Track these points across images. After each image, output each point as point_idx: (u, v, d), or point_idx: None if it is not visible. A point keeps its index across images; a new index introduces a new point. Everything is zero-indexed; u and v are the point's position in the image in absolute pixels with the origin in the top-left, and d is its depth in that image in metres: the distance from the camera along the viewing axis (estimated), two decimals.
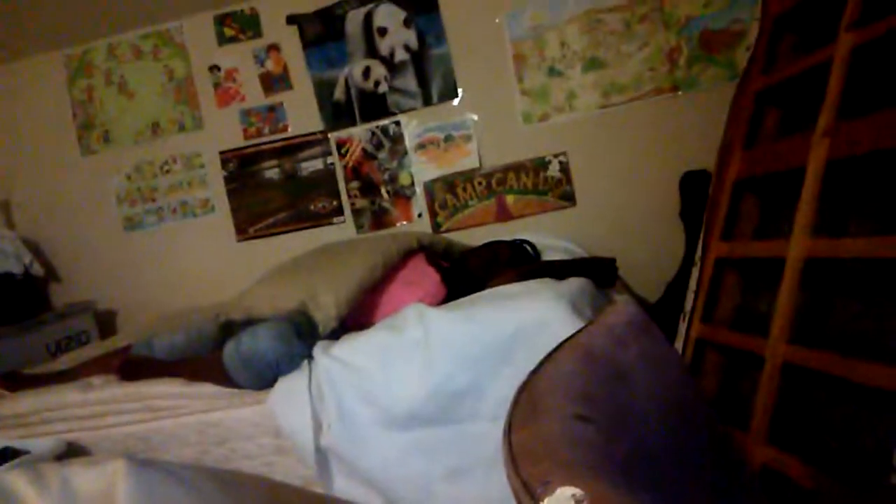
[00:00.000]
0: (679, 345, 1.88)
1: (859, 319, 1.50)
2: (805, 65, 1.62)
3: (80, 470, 0.53)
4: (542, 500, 0.36)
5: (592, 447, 0.41)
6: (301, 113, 3.02)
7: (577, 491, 0.36)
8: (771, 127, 1.84)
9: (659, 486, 0.43)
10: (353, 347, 1.75)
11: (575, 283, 1.89)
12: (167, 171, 3.17)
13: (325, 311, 1.86)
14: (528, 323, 1.62)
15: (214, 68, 3.06)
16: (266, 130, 3.06)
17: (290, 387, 1.70)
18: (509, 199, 2.89)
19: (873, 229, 1.47)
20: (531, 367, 1.66)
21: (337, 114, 2.98)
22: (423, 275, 2.09)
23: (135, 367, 1.91)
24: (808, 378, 1.44)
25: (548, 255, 2.33)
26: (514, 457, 0.41)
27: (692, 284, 1.91)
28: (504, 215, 2.90)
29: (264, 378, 1.73)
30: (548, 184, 2.85)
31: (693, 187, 2.57)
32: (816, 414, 1.53)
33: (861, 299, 1.51)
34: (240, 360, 1.71)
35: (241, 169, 3.08)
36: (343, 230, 3.04)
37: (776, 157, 1.68)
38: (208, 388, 1.77)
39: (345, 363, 1.70)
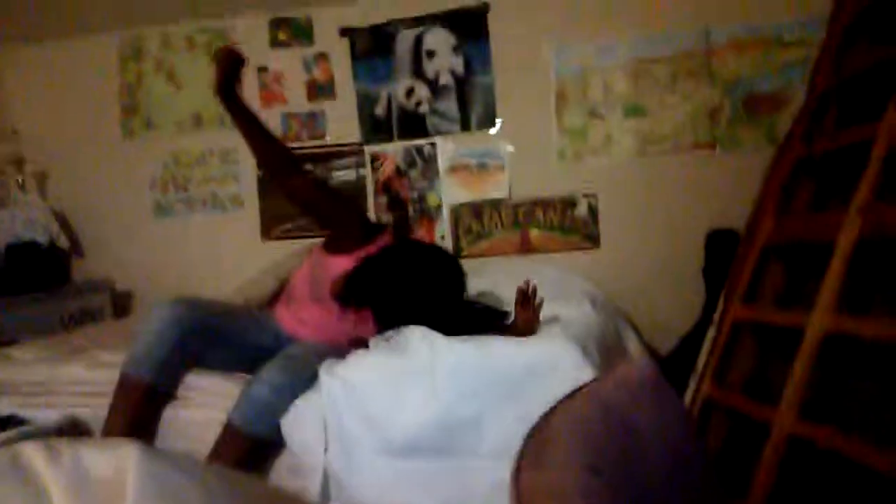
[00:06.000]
0: (687, 402, 1.86)
1: (872, 401, 1.48)
2: (847, 139, 1.62)
3: (93, 451, 0.54)
4: None
5: (600, 500, 0.42)
6: (341, 123, 3.06)
7: None
8: (805, 197, 1.83)
9: None
10: (358, 368, 1.72)
11: (586, 328, 1.89)
12: (203, 164, 3.22)
13: None
14: (539, 362, 1.61)
15: (263, 69, 3.12)
16: (304, 135, 3.10)
17: (304, 405, 1.68)
18: (533, 232, 2.90)
19: (894, 313, 1.46)
20: (536, 406, 1.64)
21: (375, 128, 3.02)
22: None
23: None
24: (815, 453, 1.42)
25: (566, 294, 2.32)
26: (523, 498, 0.42)
27: (707, 343, 1.90)
28: (526, 248, 2.91)
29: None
30: (574, 223, 2.85)
31: (718, 246, 2.56)
32: (820, 491, 1.51)
33: (875, 381, 1.49)
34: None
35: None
36: None
37: (808, 228, 1.68)
38: (223, 386, 1.78)
39: (348, 383, 1.67)
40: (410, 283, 1.78)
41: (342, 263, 1.83)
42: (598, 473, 0.44)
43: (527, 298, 1.76)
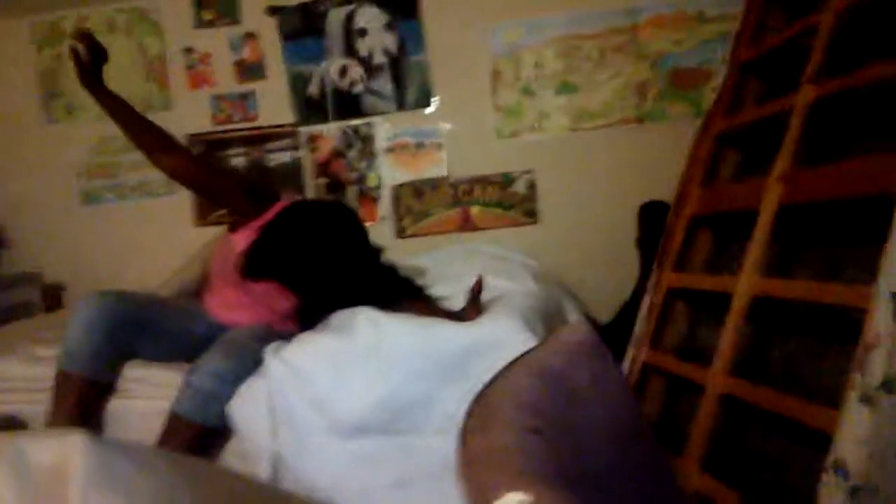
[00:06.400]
0: (626, 368, 1.93)
1: (796, 357, 1.57)
2: (767, 111, 1.69)
3: (35, 440, 0.53)
4: None
5: (541, 459, 0.44)
6: (273, 104, 3.00)
7: (526, 497, 0.38)
8: (729, 167, 1.92)
9: (600, 501, 0.46)
10: (303, 350, 1.72)
11: (528, 301, 1.92)
12: (131, 149, 3.09)
13: None
14: (483, 340, 1.63)
15: (189, 50, 3.03)
16: (236, 118, 3.03)
17: (251, 390, 1.66)
18: (474, 210, 2.93)
19: (816, 274, 1.55)
20: (481, 383, 1.67)
21: (309, 109, 2.97)
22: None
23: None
24: (745, 410, 1.50)
25: (507, 269, 2.36)
26: (468, 462, 0.43)
27: (643, 310, 1.97)
28: (468, 226, 2.94)
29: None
30: (513, 199, 2.90)
31: (651, 217, 2.64)
32: (750, 445, 1.59)
33: (799, 339, 1.58)
34: None
35: (207, 154, 3.05)
36: None
37: (732, 197, 1.75)
38: (163, 376, 1.76)
39: (294, 366, 1.67)
40: (304, 242, 1.77)
41: (243, 238, 1.83)
42: (537, 433, 0.46)
43: (476, 297, 1.78)
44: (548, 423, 0.51)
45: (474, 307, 1.75)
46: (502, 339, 1.63)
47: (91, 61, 1.76)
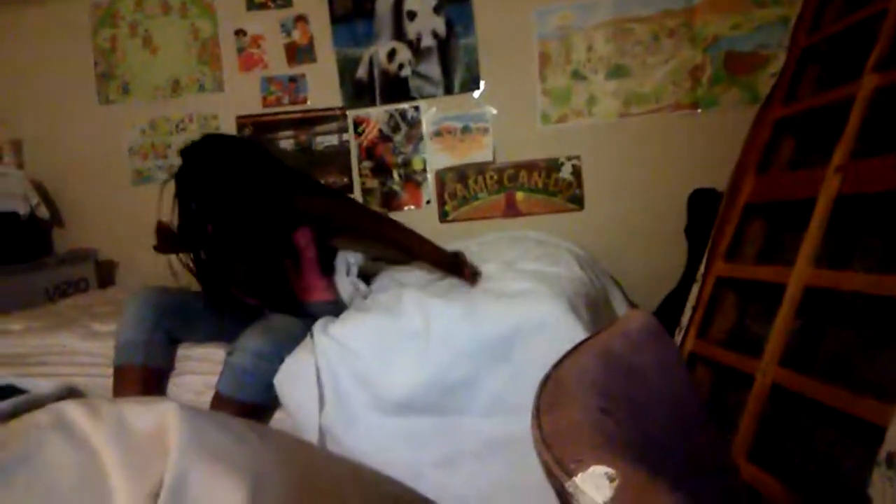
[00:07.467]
0: None
1: (850, 350, 1.54)
2: (827, 99, 1.65)
3: (132, 407, 0.56)
4: (576, 475, 0.40)
5: (613, 437, 0.45)
6: (322, 87, 3.04)
7: (610, 470, 0.40)
8: (786, 155, 1.88)
9: (668, 477, 0.47)
10: (352, 329, 1.77)
11: (573, 287, 1.93)
12: (182, 130, 3.18)
13: None
14: (529, 322, 1.65)
15: (240, 32, 3.08)
16: (285, 100, 3.08)
17: (297, 365, 1.71)
18: (519, 195, 2.93)
19: (874, 266, 1.52)
20: (527, 364, 1.67)
21: (357, 92, 3.00)
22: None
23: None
24: (795, 401, 1.49)
25: (552, 254, 2.36)
26: (545, 437, 0.45)
27: (691, 300, 1.95)
28: (512, 211, 2.94)
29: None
30: (558, 185, 2.88)
31: (701, 205, 2.61)
32: (799, 436, 1.58)
33: (854, 331, 1.56)
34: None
35: (256, 135, 3.11)
36: None
37: (789, 186, 1.72)
38: (212, 352, 1.82)
39: (342, 344, 1.72)
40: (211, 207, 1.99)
41: None
42: (606, 413, 0.48)
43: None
44: (615, 405, 0.52)
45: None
46: (548, 321, 1.64)
47: (164, 245, 2.04)
